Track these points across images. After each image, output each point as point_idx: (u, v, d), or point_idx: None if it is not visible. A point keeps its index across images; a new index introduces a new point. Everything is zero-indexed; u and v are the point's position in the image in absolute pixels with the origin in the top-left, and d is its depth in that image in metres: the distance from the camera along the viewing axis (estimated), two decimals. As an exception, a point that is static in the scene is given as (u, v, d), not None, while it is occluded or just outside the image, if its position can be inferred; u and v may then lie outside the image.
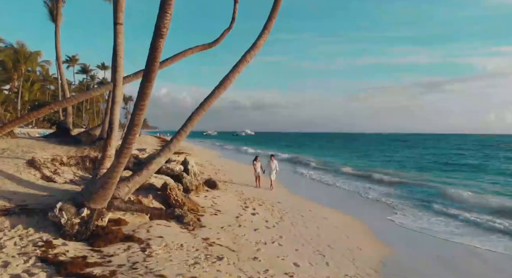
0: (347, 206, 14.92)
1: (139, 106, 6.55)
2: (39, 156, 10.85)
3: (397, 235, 10.94)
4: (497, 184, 23.01)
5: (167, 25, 5.80)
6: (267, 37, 9.78)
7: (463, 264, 8.61)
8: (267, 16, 9.86)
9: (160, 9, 5.75)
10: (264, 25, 9.70)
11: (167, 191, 10.03)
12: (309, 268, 7.05)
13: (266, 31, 9.65)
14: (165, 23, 5.75)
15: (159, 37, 5.81)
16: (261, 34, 9.66)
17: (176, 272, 5.70)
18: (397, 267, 8.08)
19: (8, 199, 7.60)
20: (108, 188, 7.16)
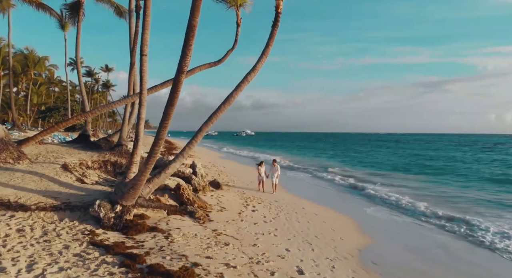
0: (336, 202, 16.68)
1: (164, 124, 8.32)
2: (69, 161, 12.61)
3: (377, 227, 12.70)
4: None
5: (187, 64, 7.57)
6: (265, 61, 11.53)
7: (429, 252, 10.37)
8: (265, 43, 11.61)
9: (182, 51, 7.53)
10: (262, 51, 11.45)
11: (180, 191, 11.81)
12: (298, 252, 8.82)
13: (264, 56, 11.40)
14: (186, 62, 7.52)
15: (181, 73, 7.58)
16: (260, 58, 11.41)
17: (194, 253, 7.47)
18: (371, 253, 9.84)
19: (54, 197, 9.38)
20: (137, 189, 8.93)
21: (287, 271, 7.34)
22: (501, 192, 21.55)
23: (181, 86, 7.72)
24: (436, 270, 8.80)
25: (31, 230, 7.74)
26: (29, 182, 10.11)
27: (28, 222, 8.21)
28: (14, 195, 9.13)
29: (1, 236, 7.20)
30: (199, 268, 6.59)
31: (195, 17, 6.86)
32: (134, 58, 14.98)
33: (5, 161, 10.99)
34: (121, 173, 14.01)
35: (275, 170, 17.76)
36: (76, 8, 17.51)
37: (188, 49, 7.31)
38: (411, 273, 8.52)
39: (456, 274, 8.68)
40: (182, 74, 7.52)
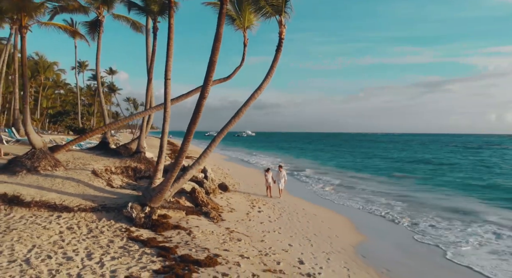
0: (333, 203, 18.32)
1: (187, 139, 9.96)
2: (96, 167, 14.24)
3: (371, 227, 14.31)
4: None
5: (208, 91, 9.20)
6: (270, 80, 13.12)
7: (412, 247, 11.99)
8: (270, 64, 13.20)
9: (204, 81, 9.16)
10: (267, 72, 13.02)
11: (196, 194, 13.43)
12: (299, 247, 10.44)
13: (269, 76, 12.97)
14: (207, 90, 9.15)
15: (203, 98, 9.21)
16: (265, 78, 12.98)
17: (214, 246, 9.09)
18: (362, 248, 11.46)
19: (92, 200, 11.01)
20: (163, 193, 10.56)
21: (290, 262, 8.96)
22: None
23: (203, 109, 9.35)
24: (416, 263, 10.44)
25: (78, 228, 9.36)
26: (69, 187, 11.74)
27: (74, 221, 9.84)
28: (59, 198, 10.76)
29: (57, 232, 8.82)
30: (220, 258, 8.20)
31: (215, 55, 8.47)
32: (151, 75, 16.65)
33: (44, 168, 12.60)
34: (141, 177, 15.66)
35: (281, 176, 18.34)
36: (95, 25, 19.15)
37: (209, 79, 8.94)
38: (394, 263, 10.15)
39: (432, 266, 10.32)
40: (204, 99, 9.16)
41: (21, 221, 9.36)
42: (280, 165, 21.04)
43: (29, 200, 10.33)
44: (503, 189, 25.31)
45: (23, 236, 8.19)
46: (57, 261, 7.02)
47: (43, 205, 10.25)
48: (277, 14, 12.73)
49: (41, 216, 9.87)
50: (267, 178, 18.35)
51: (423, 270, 9.94)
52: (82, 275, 6.46)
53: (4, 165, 12.89)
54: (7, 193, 10.41)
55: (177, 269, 7.20)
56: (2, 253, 7.07)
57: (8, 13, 12.47)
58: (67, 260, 7.12)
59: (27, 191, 10.90)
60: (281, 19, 12.66)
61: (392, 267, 9.84)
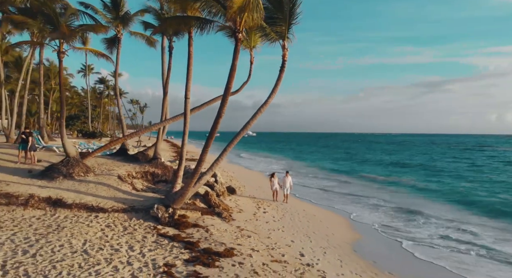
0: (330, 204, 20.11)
1: (205, 150, 11.75)
2: (120, 173, 16.03)
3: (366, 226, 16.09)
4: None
5: (224, 111, 10.98)
6: (274, 96, 14.84)
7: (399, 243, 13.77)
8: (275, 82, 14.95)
9: (221, 103, 10.93)
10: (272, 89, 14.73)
11: (209, 196, 15.20)
12: (300, 243, 12.23)
13: (273, 93, 14.64)
14: (223, 110, 10.93)
15: (220, 117, 11.00)
16: (270, 94, 14.66)
17: (229, 241, 10.87)
18: (356, 245, 13.24)
19: (122, 202, 12.80)
20: (184, 196, 12.36)
21: (292, 254, 10.75)
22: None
23: (219, 126, 11.14)
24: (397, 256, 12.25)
25: (115, 226, 11.15)
26: (101, 191, 13.54)
27: (109, 220, 11.62)
28: (94, 201, 12.56)
29: (99, 230, 10.61)
30: (235, 251, 9.98)
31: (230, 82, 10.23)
32: (167, 89, 18.44)
33: (78, 174, 14.36)
34: (158, 181, 17.45)
35: (287, 181, 18.91)
36: (113, 41, 20.91)
37: (225, 101, 10.72)
38: (381, 257, 11.94)
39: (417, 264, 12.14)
40: (220, 118, 10.95)
41: (67, 220, 11.15)
42: (287, 171, 21.39)
43: (70, 202, 12.13)
44: (452, 193, 26.29)
45: (74, 232, 9.98)
46: (108, 252, 8.82)
47: (82, 206, 12.04)
48: (281, 39, 14.51)
49: (82, 216, 11.65)
50: (273, 183, 18.99)
51: (403, 261, 11.77)
52: (132, 262, 8.25)
53: (42, 171, 14.70)
54: (51, 196, 12.21)
55: (202, 259, 8.98)
56: (64, 246, 8.86)
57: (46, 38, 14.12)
58: (115, 251, 8.90)
59: (68, 194, 12.70)
60: (284, 44, 14.38)
61: (378, 260, 11.64)
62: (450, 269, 11.25)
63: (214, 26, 11.26)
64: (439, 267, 11.43)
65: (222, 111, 10.89)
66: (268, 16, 13.92)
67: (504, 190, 27.16)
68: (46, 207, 11.88)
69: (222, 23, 11.28)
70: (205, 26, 11.23)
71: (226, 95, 10.66)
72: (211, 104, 16.81)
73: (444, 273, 11.01)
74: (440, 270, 11.25)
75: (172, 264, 8.43)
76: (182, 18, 11.71)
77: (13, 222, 10.54)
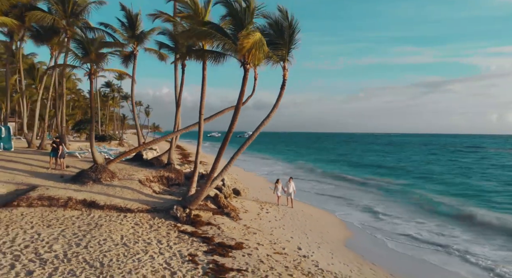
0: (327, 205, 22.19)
1: (218, 160, 13.81)
2: (140, 177, 18.12)
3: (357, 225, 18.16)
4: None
5: (234, 127, 13.05)
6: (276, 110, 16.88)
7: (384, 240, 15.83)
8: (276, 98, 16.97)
9: (232, 120, 13.00)
10: (274, 104, 16.78)
11: (218, 198, 17.28)
12: (298, 239, 14.32)
13: (275, 107, 16.57)
14: (233, 127, 13.00)
15: (230, 132, 13.07)
16: (273, 109, 16.55)
17: (238, 237, 12.95)
18: (347, 241, 15.32)
19: (145, 204, 14.90)
20: (199, 198, 14.45)
21: (291, 248, 12.84)
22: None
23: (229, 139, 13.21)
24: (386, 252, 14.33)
25: (142, 224, 13.22)
26: (127, 194, 15.63)
27: (136, 219, 13.70)
28: (122, 202, 14.65)
29: (130, 227, 12.68)
30: (244, 244, 12.05)
31: (239, 103, 12.26)
32: (179, 101, 20.52)
33: (105, 179, 16.44)
34: (172, 185, 19.53)
35: (290, 186, 20.23)
36: (129, 57, 22.99)
37: (235, 119, 12.80)
38: (367, 251, 14.02)
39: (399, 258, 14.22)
40: (230, 133, 13.01)
41: (102, 219, 13.23)
42: (290, 177, 22.55)
43: (102, 204, 14.22)
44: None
45: (111, 229, 12.07)
46: (142, 244, 10.90)
47: (112, 207, 14.13)
48: (281, 61, 16.56)
49: (113, 216, 13.73)
50: (277, 188, 20.50)
51: (385, 254, 13.87)
52: (163, 252, 10.33)
53: (74, 176, 16.80)
54: (86, 199, 14.31)
55: (218, 250, 11.06)
56: (107, 240, 10.94)
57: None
58: (147, 244, 10.98)
59: (99, 197, 14.79)
60: (284, 65, 16.45)
61: (364, 253, 13.74)
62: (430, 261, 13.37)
63: (226, 58, 13.31)
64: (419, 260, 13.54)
65: (232, 127, 12.95)
66: (270, 41, 15.97)
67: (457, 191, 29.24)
68: (82, 208, 13.98)
69: (233, 56, 13.33)
70: (219, 58, 13.29)
71: (235, 115, 12.73)
72: (220, 115, 18.86)
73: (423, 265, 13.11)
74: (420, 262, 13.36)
75: (194, 254, 10.51)
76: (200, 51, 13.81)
77: (58, 221, 12.63)
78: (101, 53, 15.90)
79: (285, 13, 15.26)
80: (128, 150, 20.39)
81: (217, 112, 19.41)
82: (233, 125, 13.01)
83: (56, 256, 9.33)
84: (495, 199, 25.69)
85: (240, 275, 9.19)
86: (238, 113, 12.85)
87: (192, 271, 9.09)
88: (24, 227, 11.60)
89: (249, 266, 9.89)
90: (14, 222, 12.06)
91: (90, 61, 15.62)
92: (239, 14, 12.45)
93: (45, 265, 8.66)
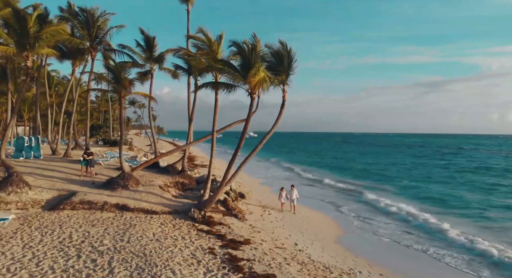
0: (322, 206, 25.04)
1: (229, 170, 16.65)
2: (159, 183, 20.97)
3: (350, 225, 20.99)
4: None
5: (242, 145, 15.88)
6: (276, 127, 19.73)
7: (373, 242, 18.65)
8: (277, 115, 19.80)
9: (239, 140, 15.84)
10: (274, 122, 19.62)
11: (227, 202, 20.13)
12: (295, 236, 17.16)
13: (276, 124, 19.49)
14: (241, 145, 15.84)
15: (239, 148, 15.90)
16: (273, 126, 19.53)
17: (245, 234, 15.78)
18: (338, 238, 18.14)
19: (167, 206, 17.74)
20: (212, 202, 17.29)
21: (290, 244, 15.68)
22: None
23: (238, 153, 16.04)
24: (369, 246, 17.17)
25: (167, 224, 16.05)
26: (151, 198, 18.49)
27: (161, 220, 16.54)
28: (148, 206, 17.50)
29: (157, 226, 15.52)
30: (251, 241, 14.87)
31: (246, 128, 15.06)
32: (192, 117, 23.40)
33: (131, 185, 19.28)
34: (186, 189, 22.38)
35: (293, 194, 22.28)
36: (145, 74, 25.81)
37: (242, 139, 15.62)
38: (354, 247, 16.85)
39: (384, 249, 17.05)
40: (239, 149, 15.84)
41: (133, 220, 16.08)
42: (292, 184, 24.35)
43: (132, 207, 17.07)
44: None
45: (143, 228, 14.91)
46: (171, 240, 13.73)
47: (141, 210, 16.98)
48: (281, 84, 19.39)
49: (141, 217, 16.58)
50: (281, 195, 22.65)
51: (368, 247, 16.71)
52: (188, 246, 13.17)
53: (104, 183, 19.67)
54: (118, 203, 17.16)
55: (230, 245, 13.88)
56: (142, 236, 13.77)
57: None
58: (175, 240, 13.82)
59: (128, 201, 17.65)
60: (284, 88, 19.27)
61: (350, 248, 16.58)
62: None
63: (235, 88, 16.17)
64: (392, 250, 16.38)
65: (240, 144, 15.78)
66: (272, 67, 18.78)
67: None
68: (116, 211, 16.83)
69: (242, 87, 16.16)
70: (230, 88, 16.12)
71: (243, 135, 15.57)
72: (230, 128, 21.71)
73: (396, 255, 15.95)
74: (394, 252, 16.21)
75: (212, 248, 13.35)
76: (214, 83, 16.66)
77: (99, 221, 15.48)
78: (130, 80, 18.75)
79: (284, 45, 18.07)
80: (149, 159, 23.32)
81: (227, 125, 22.26)
82: (241, 143, 15.83)
83: (108, 248, 12.18)
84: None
85: (249, 263, 12.00)
86: (246, 132, 15.66)
87: (213, 260, 11.91)
88: (74, 227, 14.46)
89: (256, 257, 12.71)
90: (65, 223, 14.92)
91: (122, 88, 18.48)
92: (247, 55, 15.25)
93: (103, 255, 11.51)
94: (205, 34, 17.42)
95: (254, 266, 11.55)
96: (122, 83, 18.07)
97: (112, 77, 18.43)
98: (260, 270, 11.31)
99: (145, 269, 10.59)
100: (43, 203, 16.88)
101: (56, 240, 12.71)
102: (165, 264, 11.05)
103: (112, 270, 10.36)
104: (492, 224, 21.86)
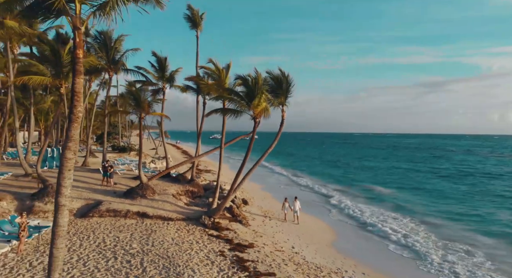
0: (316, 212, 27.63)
1: (236, 180, 19.24)
2: (172, 192, 23.56)
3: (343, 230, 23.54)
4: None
5: (248, 159, 18.46)
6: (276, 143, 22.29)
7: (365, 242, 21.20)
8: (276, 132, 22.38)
9: (245, 157, 18.42)
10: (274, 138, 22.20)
11: (232, 209, 22.69)
12: (292, 240, 19.73)
13: (275, 140, 22.15)
14: (247, 159, 18.42)
15: (245, 161, 18.47)
16: (273, 142, 22.12)
17: (250, 238, 18.36)
18: (331, 242, 20.71)
19: (181, 214, 20.33)
20: (221, 210, 19.88)
21: (288, 247, 18.25)
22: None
23: (245, 165, 18.63)
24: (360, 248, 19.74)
25: (182, 229, 18.63)
26: (167, 206, 21.08)
27: (177, 226, 19.12)
28: (165, 213, 20.08)
29: (174, 232, 18.09)
30: (254, 244, 17.43)
31: (249, 150, 17.64)
32: (200, 131, 26.06)
33: (149, 195, 21.85)
34: (195, 197, 24.97)
35: (296, 204, 23.87)
36: (157, 92, 28.41)
37: (247, 156, 18.18)
38: (346, 248, 19.41)
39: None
40: (245, 162, 18.41)
41: (153, 226, 18.66)
42: (295, 196, 25.39)
43: (151, 215, 19.66)
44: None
45: (163, 233, 17.50)
46: (187, 244, 16.31)
47: (158, 217, 19.57)
48: (280, 105, 21.96)
49: (159, 223, 19.17)
50: (284, 206, 24.23)
51: (358, 249, 19.29)
52: (202, 249, 15.74)
53: (125, 193, 22.26)
54: (139, 211, 19.76)
55: (237, 248, 16.46)
56: (163, 240, 16.35)
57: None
58: (191, 244, 16.39)
59: (147, 209, 20.24)
60: (283, 108, 21.84)
61: (342, 250, 19.15)
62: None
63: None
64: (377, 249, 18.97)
65: (245, 160, 18.39)
66: (272, 90, 21.34)
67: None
68: (137, 218, 19.43)
69: (246, 112, 18.75)
70: (236, 114, 18.73)
71: (247, 155, 18.15)
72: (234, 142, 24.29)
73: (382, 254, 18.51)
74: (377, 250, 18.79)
75: (223, 251, 15.93)
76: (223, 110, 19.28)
77: (124, 227, 18.07)
78: (149, 103, 21.35)
79: (283, 71, 20.70)
80: (163, 170, 25.99)
81: (231, 139, 24.85)
82: (247, 156, 18.53)
83: (138, 251, 14.77)
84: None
85: (253, 264, 14.57)
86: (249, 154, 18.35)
87: (224, 261, 14.49)
88: (105, 232, 17.06)
89: (259, 258, 15.29)
90: (96, 229, 17.52)
91: (142, 111, 21.08)
92: (251, 86, 17.85)
93: (134, 257, 14.10)
94: (215, 64, 20.02)
95: (257, 266, 14.13)
96: (142, 106, 20.68)
97: (133, 99, 21.01)
98: (263, 269, 13.88)
99: (170, 268, 13.17)
100: (75, 211, 19.48)
101: (93, 244, 15.31)
102: (186, 264, 13.64)
103: (145, 269, 12.95)
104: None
